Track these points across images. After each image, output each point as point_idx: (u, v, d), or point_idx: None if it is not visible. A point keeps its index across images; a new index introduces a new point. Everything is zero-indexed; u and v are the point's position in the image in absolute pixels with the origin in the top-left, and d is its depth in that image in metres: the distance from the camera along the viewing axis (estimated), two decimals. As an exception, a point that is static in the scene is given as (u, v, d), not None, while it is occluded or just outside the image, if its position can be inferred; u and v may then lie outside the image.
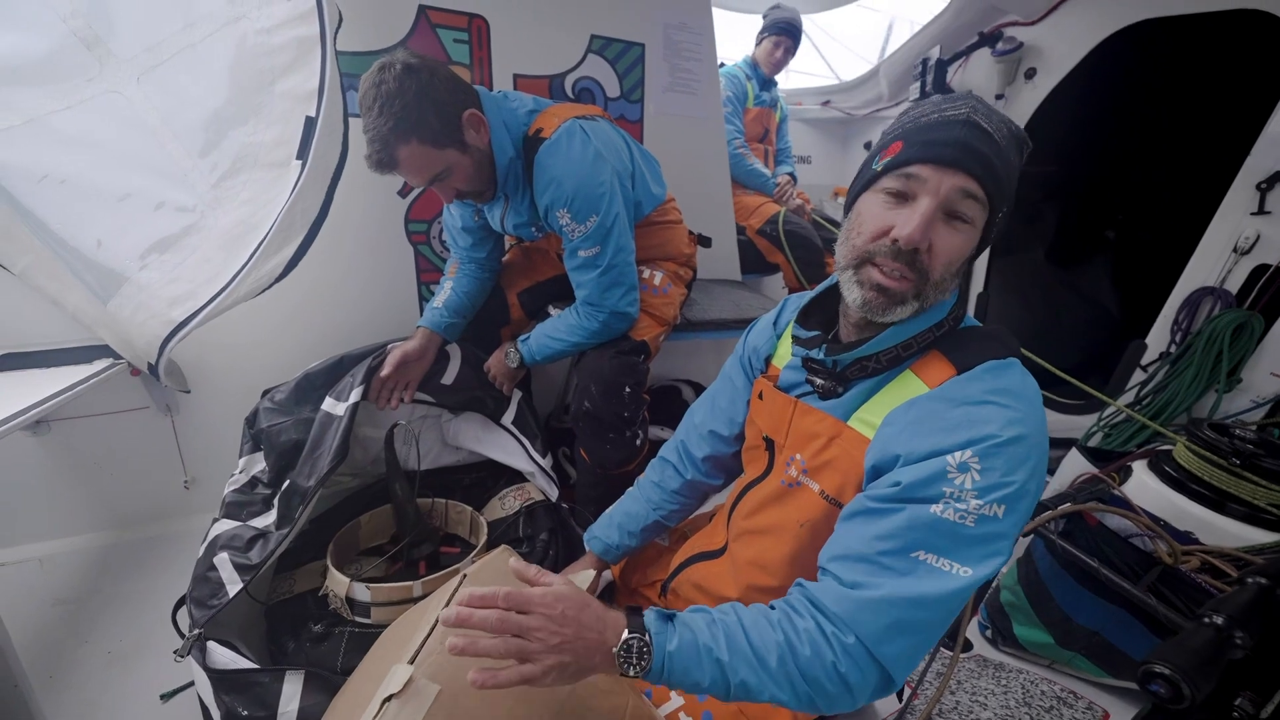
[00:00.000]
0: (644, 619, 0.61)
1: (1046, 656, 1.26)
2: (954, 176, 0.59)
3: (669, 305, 1.44)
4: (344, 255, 1.52)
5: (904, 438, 0.62)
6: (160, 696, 1.08)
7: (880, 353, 0.68)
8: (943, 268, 0.62)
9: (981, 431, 0.58)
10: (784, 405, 0.78)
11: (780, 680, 0.58)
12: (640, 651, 0.58)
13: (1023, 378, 0.64)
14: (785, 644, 0.59)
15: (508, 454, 1.40)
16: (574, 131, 1.17)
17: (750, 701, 0.60)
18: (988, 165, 0.59)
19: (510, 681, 0.55)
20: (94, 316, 1.19)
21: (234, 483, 1.16)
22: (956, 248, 0.62)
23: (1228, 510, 1.25)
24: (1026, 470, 0.58)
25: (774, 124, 2.60)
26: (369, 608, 1.01)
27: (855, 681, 0.58)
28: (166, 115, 1.16)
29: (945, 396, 0.63)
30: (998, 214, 0.62)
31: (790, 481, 0.76)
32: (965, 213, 0.60)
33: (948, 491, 0.57)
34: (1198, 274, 1.76)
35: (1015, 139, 0.63)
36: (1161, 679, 0.44)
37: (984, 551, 0.57)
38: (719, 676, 0.59)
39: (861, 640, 0.58)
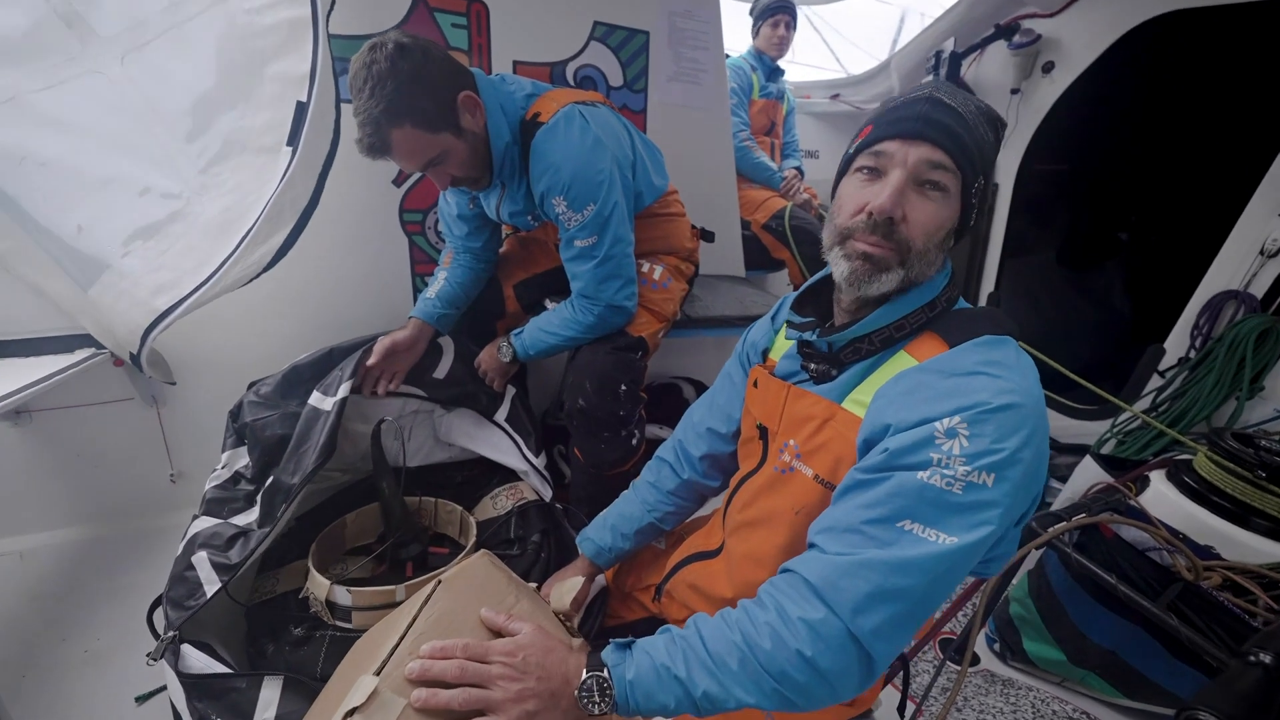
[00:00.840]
0: (601, 654, 0.61)
1: (1057, 674, 1.21)
2: (919, 147, 0.62)
3: (669, 301, 1.39)
4: (336, 245, 1.48)
5: (894, 408, 0.61)
6: (135, 699, 1.05)
7: (873, 333, 0.68)
8: (923, 237, 0.63)
9: (972, 399, 0.56)
10: (778, 390, 0.77)
11: (744, 682, 0.57)
12: (601, 689, 0.58)
13: (1017, 354, 0.62)
14: (743, 643, 0.57)
15: (501, 452, 1.36)
16: (573, 117, 1.12)
17: (720, 713, 0.58)
18: (950, 133, 0.61)
19: None
20: (75, 304, 1.16)
21: (216, 478, 1.12)
22: (931, 215, 0.63)
23: (1251, 525, 1.20)
24: (1019, 439, 0.55)
25: (780, 116, 2.54)
26: (350, 612, 0.97)
27: (828, 666, 0.55)
28: (151, 98, 1.12)
29: (935, 368, 0.62)
30: (973, 184, 0.63)
31: (783, 468, 0.75)
32: (936, 180, 0.62)
33: (935, 458, 0.55)
34: (1221, 277, 1.69)
35: (985, 115, 0.65)
36: (1204, 724, 0.40)
37: (971, 520, 0.54)
38: (682, 694, 0.58)
39: (836, 612, 0.55)
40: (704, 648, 0.59)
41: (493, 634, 0.64)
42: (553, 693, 0.58)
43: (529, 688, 0.58)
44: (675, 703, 0.58)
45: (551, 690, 0.58)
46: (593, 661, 0.61)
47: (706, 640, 0.59)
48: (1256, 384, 1.55)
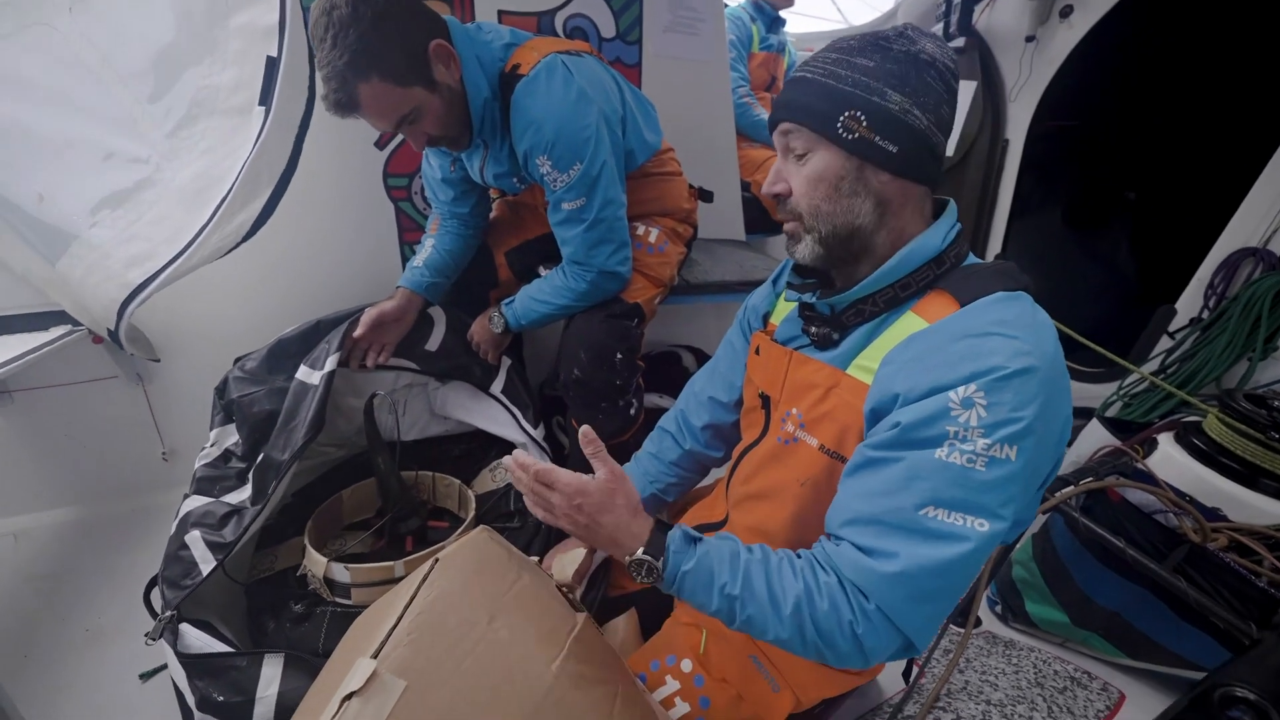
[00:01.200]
0: (667, 538, 0.62)
1: (1059, 635, 1.21)
2: (780, 130, 0.66)
3: (665, 265, 1.34)
4: (319, 213, 1.41)
5: (902, 375, 0.58)
6: (140, 676, 1.05)
7: (877, 294, 0.65)
8: (804, 199, 0.65)
9: (987, 363, 0.53)
10: (779, 357, 0.75)
11: (790, 625, 0.58)
12: (650, 570, 0.61)
13: (1033, 310, 0.59)
14: (804, 593, 0.58)
15: (498, 424, 1.33)
16: (555, 68, 1.04)
17: (753, 635, 0.61)
18: (794, 105, 0.64)
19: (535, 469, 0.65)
20: (45, 279, 1.11)
21: (205, 456, 1.10)
22: (805, 175, 0.64)
23: (1260, 486, 1.18)
24: (1038, 405, 0.52)
25: (782, 70, 2.42)
26: (348, 588, 0.96)
27: (871, 645, 0.56)
28: (107, 53, 1.04)
29: (946, 330, 0.58)
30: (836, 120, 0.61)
31: (787, 438, 0.72)
32: (796, 147, 0.65)
33: (951, 431, 0.53)
34: (1239, 234, 1.63)
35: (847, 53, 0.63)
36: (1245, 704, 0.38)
37: (1000, 498, 0.52)
38: (725, 607, 0.60)
39: (883, 611, 0.56)
40: (766, 581, 0.59)
41: None
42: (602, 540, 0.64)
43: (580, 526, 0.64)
44: (716, 609, 0.60)
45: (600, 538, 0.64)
46: (654, 541, 0.62)
47: (770, 575, 0.60)
48: (1270, 344, 1.51)
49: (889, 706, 1.06)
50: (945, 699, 1.07)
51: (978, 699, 1.07)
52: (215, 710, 0.77)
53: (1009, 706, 1.05)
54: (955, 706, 1.05)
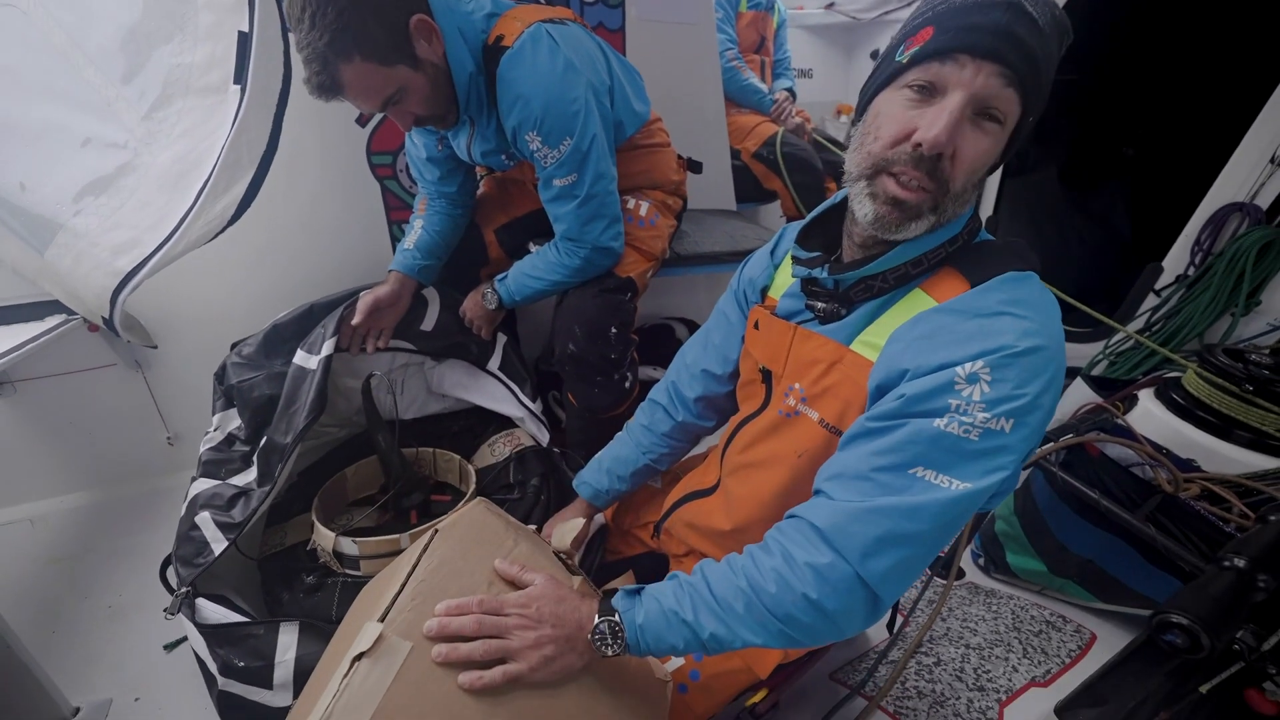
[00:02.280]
0: (611, 600, 0.63)
1: (1038, 583, 1.27)
2: (990, 68, 0.52)
3: (657, 238, 1.34)
4: (304, 194, 1.40)
5: (911, 353, 0.58)
6: (164, 646, 1.10)
7: (888, 271, 0.63)
8: (965, 176, 0.56)
9: (996, 342, 0.53)
10: (782, 332, 0.74)
11: (750, 624, 0.58)
12: (613, 632, 0.61)
13: (1041, 291, 0.59)
14: (749, 587, 0.58)
15: (496, 400, 1.36)
16: (540, 38, 1.02)
17: (726, 650, 0.61)
18: (1029, 57, 0.52)
19: (498, 680, 0.57)
20: (34, 269, 1.10)
21: (209, 441, 1.12)
22: (983, 152, 0.55)
23: (1233, 437, 1.23)
24: (1041, 383, 0.53)
25: (771, 31, 2.35)
26: (358, 560, 1.00)
27: (834, 608, 0.55)
28: (75, 34, 1.02)
29: (956, 309, 0.58)
30: (1029, 117, 0.56)
31: (788, 411, 0.73)
32: (998, 110, 0.53)
33: (954, 404, 0.53)
34: (1227, 188, 1.63)
35: (1059, 26, 0.54)
36: (1179, 629, 0.41)
37: (985, 466, 0.53)
38: (690, 635, 0.60)
39: (844, 556, 0.55)
40: (710, 593, 0.60)
41: (505, 581, 0.65)
42: (568, 637, 0.60)
43: (545, 634, 0.59)
44: (683, 643, 0.60)
45: (566, 635, 0.60)
46: (604, 607, 0.62)
47: (713, 585, 0.60)
48: (1253, 299, 1.54)
49: (875, 653, 1.13)
50: (927, 644, 1.14)
51: (958, 644, 1.13)
52: (237, 674, 0.82)
53: (987, 649, 1.12)
54: (936, 651, 1.12)
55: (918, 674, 1.07)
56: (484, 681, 0.56)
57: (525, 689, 0.59)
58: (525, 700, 0.59)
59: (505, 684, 0.57)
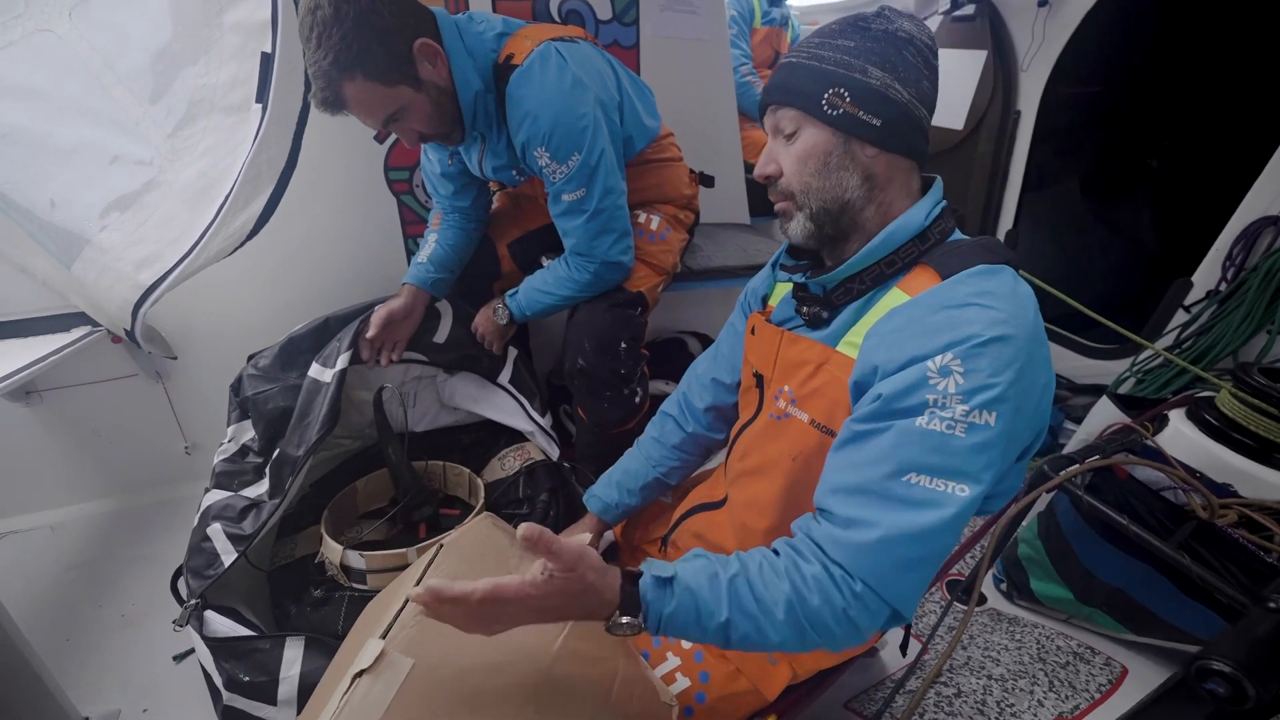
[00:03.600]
0: (639, 587, 0.57)
1: (1064, 611, 1.22)
2: (769, 112, 0.69)
3: (668, 253, 1.34)
4: (322, 209, 1.43)
5: (883, 348, 0.59)
6: (173, 657, 1.10)
7: (863, 271, 0.66)
8: (795, 178, 0.66)
9: (963, 332, 0.54)
10: (772, 336, 0.76)
11: (785, 629, 0.57)
12: (631, 625, 0.57)
13: (1014, 282, 0.60)
14: (793, 593, 0.57)
15: (506, 414, 1.36)
16: (548, 56, 1.03)
17: (748, 650, 0.59)
18: (782, 89, 0.66)
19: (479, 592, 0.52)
20: (62, 282, 1.14)
21: (223, 452, 1.14)
22: (795, 153, 0.66)
23: (1273, 461, 1.17)
24: (1014, 370, 0.53)
25: (785, 46, 2.36)
26: (365, 574, 1.00)
27: (865, 624, 0.57)
28: (107, 56, 1.05)
29: (925, 302, 0.60)
30: (820, 99, 0.64)
31: (779, 414, 0.74)
32: (785, 127, 0.67)
33: (931, 399, 0.54)
34: (1259, 202, 1.57)
35: (831, 36, 0.66)
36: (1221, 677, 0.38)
37: (980, 463, 0.54)
38: (719, 636, 0.58)
39: (869, 586, 0.55)
40: (752, 594, 0.57)
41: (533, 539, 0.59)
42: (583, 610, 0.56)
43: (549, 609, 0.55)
44: (705, 638, 0.58)
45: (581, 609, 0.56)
46: (627, 594, 0.56)
47: (754, 584, 0.58)
48: (1289, 316, 1.47)
49: (892, 682, 1.09)
50: (947, 674, 1.09)
51: (979, 674, 1.09)
52: (242, 689, 0.81)
53: (1010, 681, 1.07)
54: (957, 681, 1.07)
55: (936, 705, 1.03)
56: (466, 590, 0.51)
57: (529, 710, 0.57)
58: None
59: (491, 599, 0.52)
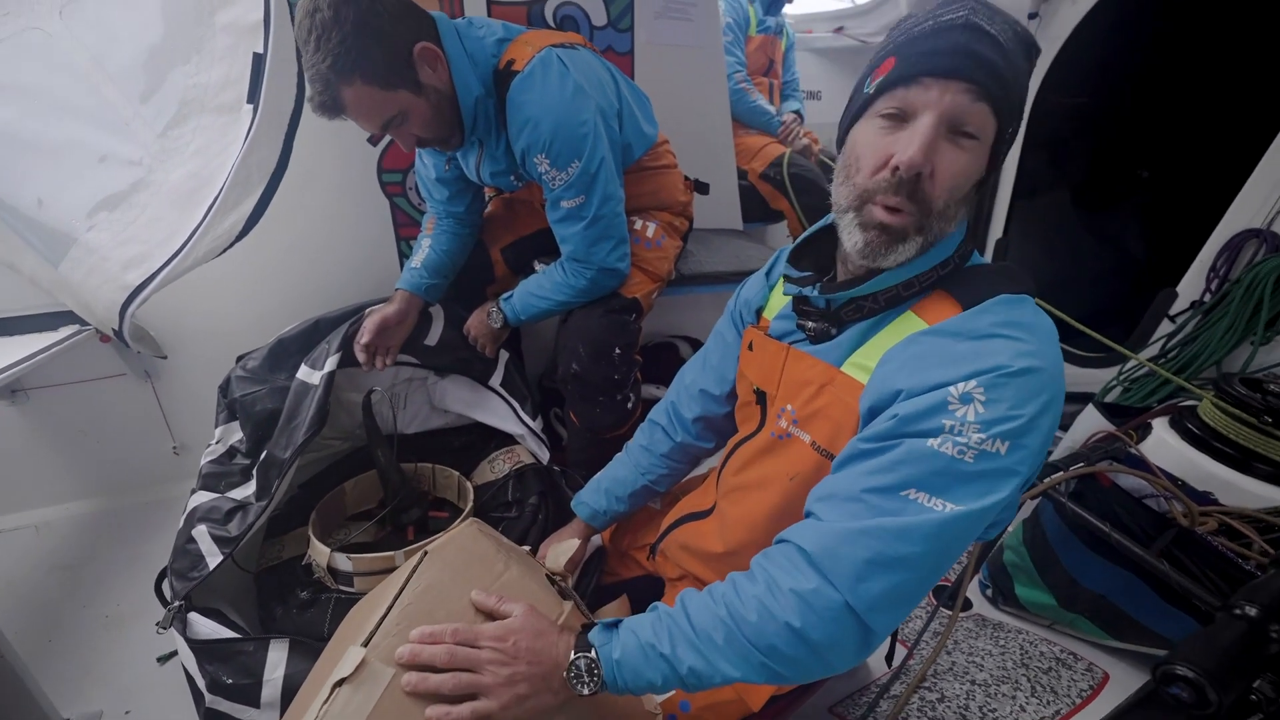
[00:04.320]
0: (588, 635, 0.60)
1: (1048, 617, 1.23)
2: (956, 86, 0.53)
3: (663, 259, 1.35)
4: (315, 210, 1.43)
5: (904, 374, 0.56)
6: (157, 659, 1.10)
7: (879, 292, 0.63)
8: (947, 193, 0.56)
9: (990, 362, 0.52)
10: (775, 353, 0.74)
11: (730, 656, 0.55)
12: (590, 669, 0.58)
13: (1036, 314, 0.58)
14: (728, 617, 0.55)
15: (497, 417, 1.36)
16: (550, 62, 1.04)
17: (707, 688, 0.57)
18: (993, 71, 0.52)
19: (465, 717, 0.55)
20: (50, 281, 1.13)
21: (211, 453, 1.13)
22: (962, 168, 0.55)
23: (1252, 470, 1.18)
24: (1038, 404, 0.52)
25: (779, 54, 2.38)
26: (351, 577, 1.00)
27: (820, 638, 0.52)
28: (98, 54, 1.05)
29: (950, 331, 0.57)
30: (1006, 130, 0.56)
31: (780, 433, 0.72)
32: (971, 126, 0.54)
33: (948, 425, 0.52)
34: (1242, 214, 1.60)
35: (1022, 42, 0.56)
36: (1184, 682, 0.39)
37: (979, 489, 0.51)
38: (668, 670, 0.57)
39: (832, 582, 0.52)
40: (689, 624, 0.57)
41: (484, 614, 0.63)
42: (544, 675, 0.58)
43: (519, 671, 0.57)
44: (662, 679, 0.58)
45: (542, 673, 0.58)
46: (580, 642, 0.60)
47: (692, 616, 0.58)
48: (1273, 328, 1.50)
49: (876, 687, 1.10)
50: (931, 679, 1.10)
51: (963, 679, 1.10)
52: (225, 692, 0.81)
53: (994, 686, 1.08)
54: (941, 686, 1.08)
55: (920, 710, 1.03)
56: (451, 718, 0.55)
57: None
58: None
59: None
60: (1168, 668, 0.41)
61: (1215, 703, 0.39)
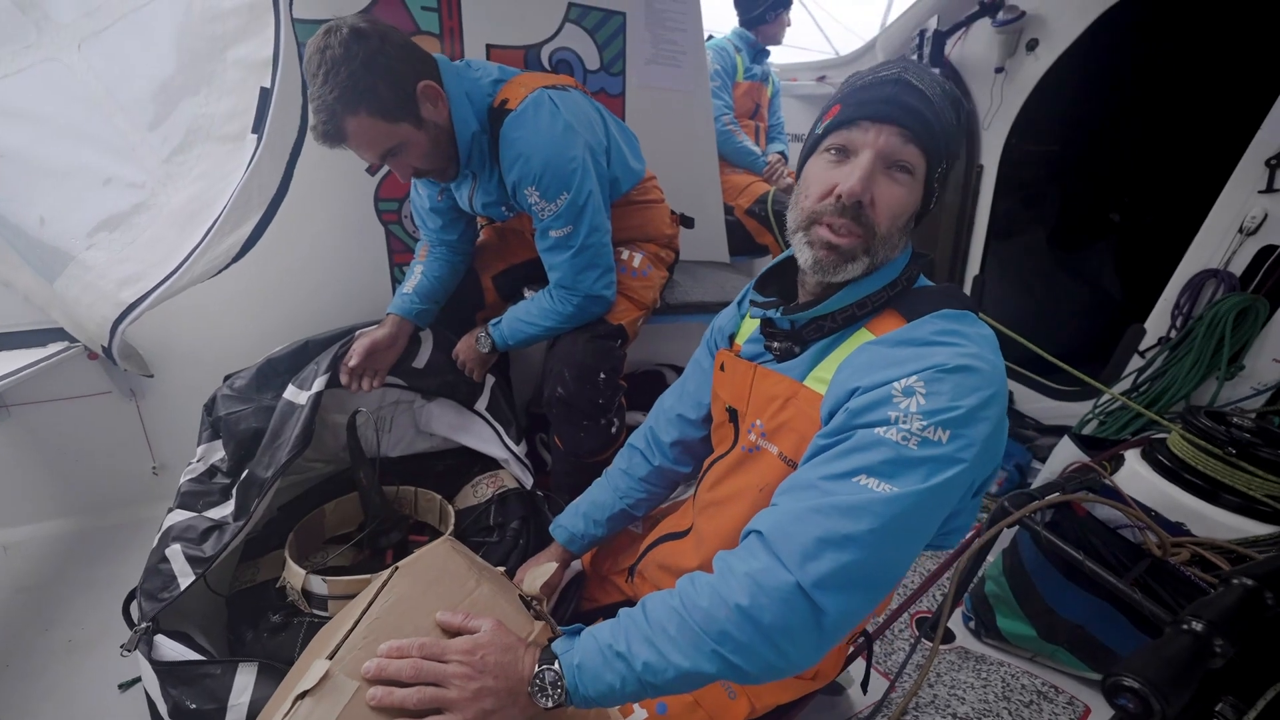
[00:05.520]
0: (552, 645, 0.61)
1: (1029, 649, 1.23)
2: (890, 129, 0.62)
3: (648, 288, 1.39)
4: (312, 235, 1.46)
5: (856, 376, 0.62)
6: (118, 686, 1.06)
7: (836, 312, 0.69)
8: (888, 220, 0.64)
9: (929, 361, 0.58)
10: (745, 371, 0.78)
11: (682, 646, 0.55)
12: (553, 682, 0.58)
13: (976, 325, 0.64)
14: (680, 605, 0.57)
15: (481, 441, 1.36)
16: (542, 102, 1.10)
17: (663, 691, 0.57)
18: (919, 117, 0.62)
19: None
20: (44, 298, 1.14)
21: (191, 472, 1.13)
22: (899, 199, 0.63)
23: (1221, 501, 1.21)
24: (976, 399, 0.56)
25: (765, 99, 2.51)
26: (326, 600, 0.99)
27: (770, 621, 0.52)
28: (111, 85, 1.10)
29: (894, 340, 0.63)
30: (937, 169, 0.64)
31: (750, 446, 0.76)
32: (904, 161, 0.62)
33: (893, 415, 0.57)
34: (1201, 255, 1.69)
35: (949, 98, 0.65)
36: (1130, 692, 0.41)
37: (923, 473, 0.55)
38: (625, 669, 0.57)
39: (783, 561, 0.54)
40: (645, 619, 0.58)
41: (451, 633, 0.63)
42: (510, 690, 0.58)
43: (486, 686, 0.57)
44: (620, 681, 0.57)
45: (509, 688, 0.58)
46: (545, 655, 0.60)
47: (649, 612, 0.59)
48: (1236, 363, 1.56)
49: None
50: (913, 712, 1.09)
51: (945, 712, 1.08)
52: (187, 718, 0.79)
53: (975, 719, 1.07)
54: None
55: (902, 744, 1.02)
56: None
57: None
58: None
59: None
60: (1114, 679, 0.43)
61: (1159, 712, 0.40)
